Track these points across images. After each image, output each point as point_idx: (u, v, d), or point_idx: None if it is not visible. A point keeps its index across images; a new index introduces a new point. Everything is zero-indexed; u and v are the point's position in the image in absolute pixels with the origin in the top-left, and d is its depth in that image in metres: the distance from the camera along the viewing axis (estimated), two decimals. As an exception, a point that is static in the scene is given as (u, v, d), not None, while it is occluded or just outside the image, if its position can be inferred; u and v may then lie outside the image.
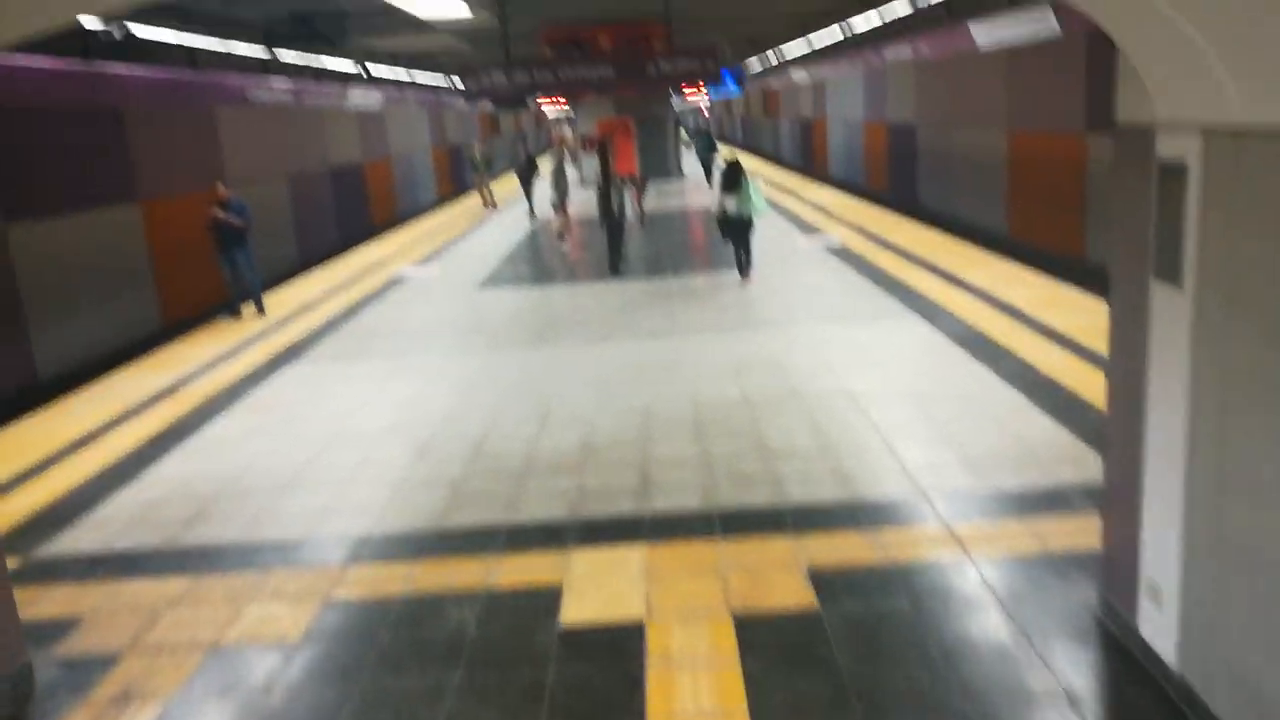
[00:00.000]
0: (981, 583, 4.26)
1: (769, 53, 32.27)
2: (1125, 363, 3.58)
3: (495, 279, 13.03)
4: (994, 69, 16.64)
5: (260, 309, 11.33)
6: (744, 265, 11.48)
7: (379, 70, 21.48)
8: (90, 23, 10.31)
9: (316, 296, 12.40)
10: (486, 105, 34.34)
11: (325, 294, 12.53)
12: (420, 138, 29.10)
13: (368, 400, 7.59)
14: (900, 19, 17.87)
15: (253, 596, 4.54)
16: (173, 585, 4.71)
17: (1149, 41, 3.09)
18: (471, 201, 24.94)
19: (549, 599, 4.36)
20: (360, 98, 22.01)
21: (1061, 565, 4.36)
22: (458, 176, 33.02)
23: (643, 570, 4.57)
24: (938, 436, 6.01)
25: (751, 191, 11.05)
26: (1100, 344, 7.68)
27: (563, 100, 38.42)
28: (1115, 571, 3.81)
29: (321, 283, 13.50)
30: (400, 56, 21.70)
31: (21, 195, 10.54)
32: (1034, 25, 13.43)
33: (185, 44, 12.51)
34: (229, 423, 7.28)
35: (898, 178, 23.23)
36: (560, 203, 15.59)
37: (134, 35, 10.70)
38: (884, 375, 7.35)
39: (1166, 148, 3.17)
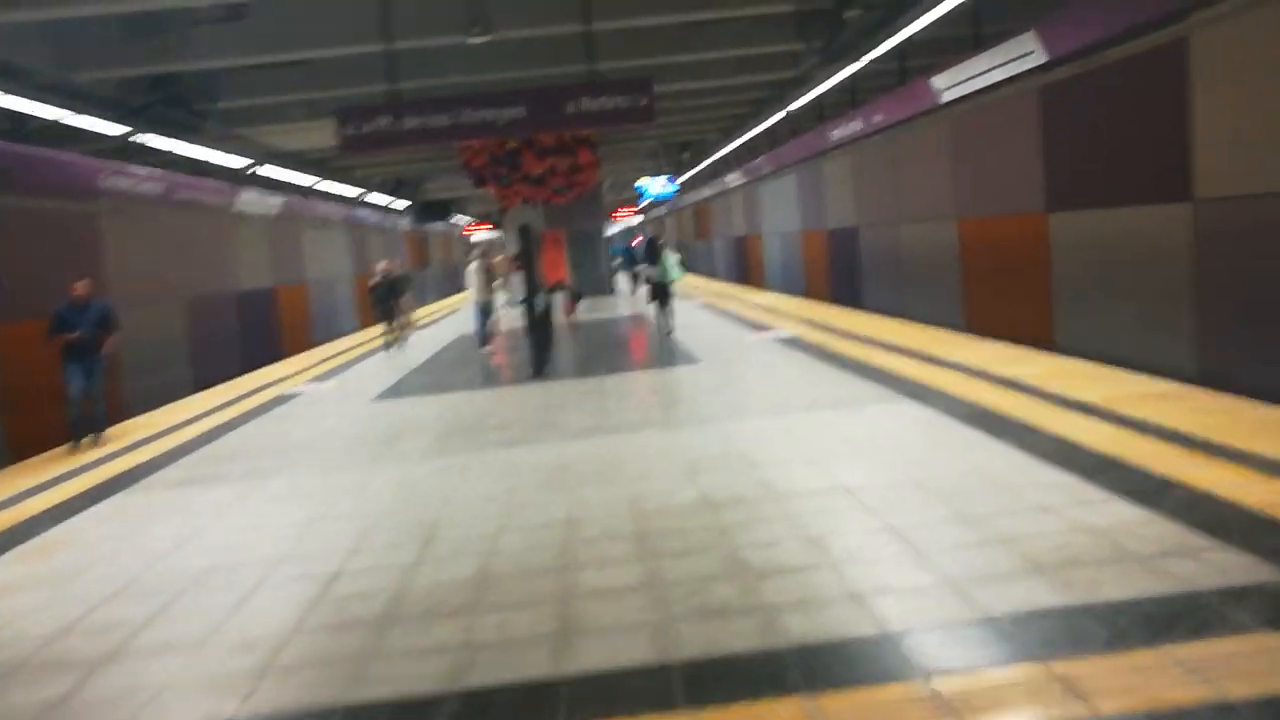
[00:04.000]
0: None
1: (702, 166, 31.71)
2: None
3: (397, 390, 11.12)
4: (937, 148, 15.74)
5: (98, 435, 9.22)
6: (668, 320, 13.93)
7: (288, 176, 19.79)
8: None
9: (184, 418, 10.35)
10: (406, 225, 32.94)
11: (196, 415, 10.48)
12: (342, 265, 27.63)
13: (190, 536, 5.57)
14: (845, 91, 16.77)
15: None
16: None
17: None
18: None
19: None
20: (272, 214, 20.43)
21: (1261, 728, 2.59)
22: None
23: (558, 782, 2.66)
24: (982, 535, 4.25)
25: (669, 262, 13.90)
26: (1152, 413, 6.10)
27: (490, 225, 37.66)
28: None
29: (197, 404, 11.45)
30: (308, 161, 20.12)
31: None
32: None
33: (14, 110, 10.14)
34: (-13, 574, 5.20)
35: (839, 282, 22.17)
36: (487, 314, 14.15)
37: None
38: (886, 465, 5.62)
39: None
